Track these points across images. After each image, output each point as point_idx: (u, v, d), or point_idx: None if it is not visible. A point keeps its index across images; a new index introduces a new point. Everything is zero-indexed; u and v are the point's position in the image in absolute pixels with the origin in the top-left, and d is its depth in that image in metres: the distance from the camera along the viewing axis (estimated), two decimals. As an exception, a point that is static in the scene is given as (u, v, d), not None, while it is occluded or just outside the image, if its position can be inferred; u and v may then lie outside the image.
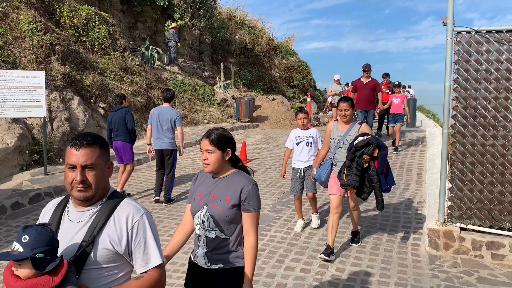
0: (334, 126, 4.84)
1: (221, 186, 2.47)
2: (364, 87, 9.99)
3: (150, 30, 17.39)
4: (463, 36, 4.69)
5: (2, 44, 9.34)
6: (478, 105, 4.65)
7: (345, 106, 4.64)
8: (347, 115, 4.66)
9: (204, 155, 2.45)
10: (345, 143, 4.64)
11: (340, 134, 4.72)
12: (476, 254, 4.65)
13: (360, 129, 4.62)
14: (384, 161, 4.41)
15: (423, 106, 26.24)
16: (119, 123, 6.95)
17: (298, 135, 5.49)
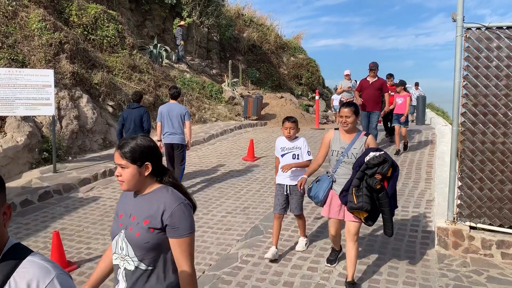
0: (335, 135, 4.11)
1: (142, 205, 2.02)
2: (370, 87, 9.39)
3: (158, 28, 17.43)
4: (473, 33, 4.62)
5: (11, 42, 9.42)
6: (488, 102, 4.59)
7: (347, 112, 3.93)
8: (349, 123, 3.94)
9: (117, 170, 2.01)
10: (350, 156, 3.94)
11: (343, 146, 4.00)
12: (486, 253, 4.59)
13: (367, 142, 3.96)
14: (395, 183, 3.82)
15: (432, 104, 26.01)
16: (135, 121, 7.11)
17: (283, 146, 4.72)
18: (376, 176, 3.69)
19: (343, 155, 3.97)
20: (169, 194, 2.00)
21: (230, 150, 10.67)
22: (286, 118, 4.66)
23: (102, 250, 5.00)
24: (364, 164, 3.72)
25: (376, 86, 9.36)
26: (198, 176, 8.27)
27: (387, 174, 3.72)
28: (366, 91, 9.44)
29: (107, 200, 6.91)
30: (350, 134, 4.03)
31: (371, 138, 4.00)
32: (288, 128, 4.60)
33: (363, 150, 3.88)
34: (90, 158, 9.11)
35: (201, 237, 5.34)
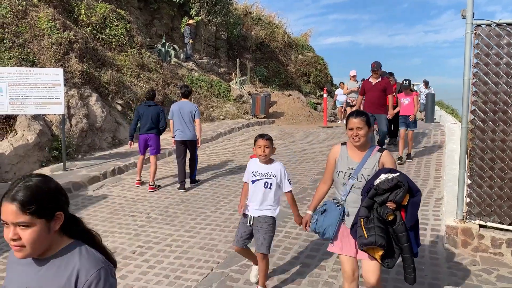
0: (341, 152, 3.30)
1: (46, 277, 1.50)
2: (373, 88, 8.66)
3: (166, 27, 17.49)
4: (483, 29, 4.58)
5: (22, 42, 9.52)
6: (499, 99, 4.54)
7: (358, 123, 3.14)
8: (360, 137, 3.14)
9: (11, 232, 1.44)
10: (360, 179, 3.14)
11: (352, 166, 3.19)
12: (496, 252, 4.55)
13: (382, 160, 3.17)
14: (415, 212, 3.05)
15: (442, 101, 25.82)
16: (152, 118, 7.42)
17: (255, 170, 3.87)
18: (388, 205, 2.94)
19: (352, 178, 3.17)
20: (82, 255, 1.51)
21: (238, 148, 10.68)
22: (259, 135, 3.80)
23: (111, 247, 5.04)
24: (373, 189, 2.97)
25: (379, 88, 8.63)
26: (206, 174, 8.30)
27: (402, 202, 2.95)
28: (369, 93, 8.72)
29: (116, 198, 6.96)
30: (360, 151, 3.23)
31: (387, 155, 3.19)
32: (262, 146, 3.72)
33: (376, 170, 3.12)
34: (99, 156, 9.18)
35: (209, 235, 5.36)
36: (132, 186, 7.59)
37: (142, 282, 4.23)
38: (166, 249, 4.98)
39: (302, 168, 8.55)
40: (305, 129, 13.77)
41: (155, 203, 6.68)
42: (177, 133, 7.36)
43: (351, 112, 3.28)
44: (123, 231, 5.56)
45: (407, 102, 8.70)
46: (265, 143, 3.73)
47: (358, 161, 3.19)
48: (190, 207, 6.49)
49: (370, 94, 8.70)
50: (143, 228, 5.64)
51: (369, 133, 3.21)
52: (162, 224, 5.79)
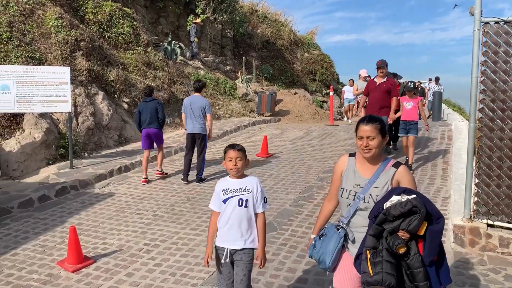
0: (349, 165, 2.77)
1: None
2: (377, 89, 8.12)
3: (172, 25, 17.51)
4: (492, 27, 4.53)
5: (29, 40, 9.57)
6: (507, 98, 4.50)
7: (369, 131, 2.62)
8: (372, 148, 2.62)
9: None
10: (368, 200, 2.60)
11: (359, 184, 2.66)
12: (504, 251, 4.52)
13: (396, 177, 2.61)
14: (435, 244, 2.40)
15: (449, 99, 25.66)
16: (151, 113, 7.63)
17: (226, 187, 3.13)
18: (400, 234, 2.38)
19: (358, 198, 2.63)
20: None
21: (244, 147, 10.67)
22: (230, 146, 3.15)
23: (117, 245, 5.06)
24: (382, 214, 2.43)
25: (383, 88, 8.08)
26: (213, 172, 8.31)
27: (419, 231, 2.36)
28: (373, 94, 8.22)
29: (122, 196, 6.99)
30: (371, 165, 2.68)
31: (404, 171, 2.62)
32: (233, 158, 3.08)
33: (388, 190, 2.57)
34: (106, 154, 9.21)
35: (215, 233, 5.36)
36: (138, 184, 7.61)
37: (148, 279, 4.24)
38: (172, 247, 4.99)
39: (308, 167, 8.54)
40: (311, 127, 13.74)
41: (161, 201, 6.70)
42: (188, 127, 7.63)
43: (363, 118, 2.71)
44: (130, 229, 5.58)
45: (410, 107, 7.87)
46: (236, 154, 3.09)
47: (368, 178, 2.65)
48: (196, 205, 6.50)
49: (373, 95, 8.21)
50: (149, 226, 5.65)
51: (383, 143, 2.65)
52: (168, 222, 5.80)
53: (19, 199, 6.46)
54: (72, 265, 4.45)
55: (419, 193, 2.47)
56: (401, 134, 7.93)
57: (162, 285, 4.14)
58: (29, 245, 5.09)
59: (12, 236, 5.38)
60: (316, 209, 5.95)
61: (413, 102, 7.91)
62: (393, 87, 8.12)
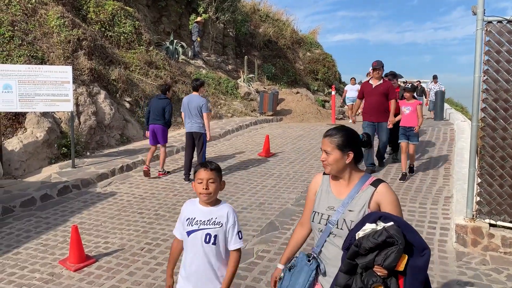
0: (323, 184, 2.38)
1: None
2: (373, 92, 7.59)
3: (174, 24, 17.51)
4: (494, 26, 4.51)
5: (31, 39, 9.58)
6: (510, 97, 4.48)
7: (325, 145, 2.27)
8: (328, 165, 2.26)
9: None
10: (341, 226, 2.19)
11: (333, 206, 2.25)
12: (506, 251, 4.50)
13: (375, 198, 2.19)
14: (419, 281, 2.02)
15: (451, 99, 25.62)
16: (158, 110, 7.87)
17: (192, 216, 2.59)
18: (376, 270, 1.97)
19: (331, 223, 2.22)
20: None
21: (245, 146, 10.68)
22: (201, 164, 2.57)
23: (119, 244, 5.07)
24: (353, 245, 2.02)
25: (380, 91, 7.55)
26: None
27: (397, 267, 1.94)
28: (369, 98, 7.69)
29: (124, 195, 6.99)
30: (346, 183, 2.28)
31: (385, 190, 2.19)
32: (205, 180, 2.50)
33: (365, 214, 2.15)
34: (107, 153, 9.22)
35: (217, 233, 5.36)
36: (140, 183, 7.62)
37: (150, 279, 4.24)
38: (174, 246, 4.98)
39: (310, 166, 8.53)
40: (313, 126, 13.73)
41: (163, 200, 6.70)
42: (186, 126, 7.70)
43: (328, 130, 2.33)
44: (131, 228, 5.58)
45: (408, 111, 7.34)
46: (209, 175, 2.51)
47: (342, 198, 2.24)
48: (198, 204, 6.49)
49: (369, 99, 7.69)
50: (151, 225, 5.66)
51: (345, 160, 2.23)
52: (170, 221, 5.80)
53: (21, 198, 6.47)
54: (74, 264, 4.45)
55: (399, 219, 2.04)
56: (402, 139, 7.39)
57: (163, 284, 4.14)
58: (31, 244, 5.10)
59: (14, 235, 5.39)
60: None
61: (411, 106, 7.33)
62: (390, 89, 7.59)
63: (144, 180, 7.81)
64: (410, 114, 7.33)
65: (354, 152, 2.25)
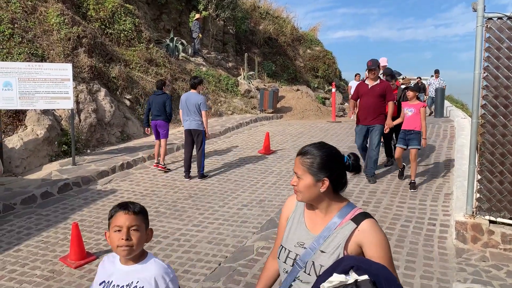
0: (296, 209, 1.92)
1: None
2: (369, 93, 7.05)
3: (174, 21, 17.49)
4: (494, 23, 4.51)
5: (31, 37, 9.57)
6: (510, 94, 4.48)
7: (295, 166, 1.82)
8: (298, 191, 1.81)
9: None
10: (309, 271, 1.75)
11: (303, 242, 1.82)
12: (506, 247, 4.51)
13: (355, 238, 1.72)
14: None
15: (451, 96, 25.57)
16: (159, 106, 8.05)
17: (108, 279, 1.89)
18: None
19: (299, 266, 1.78)
20: None
21: (246, 143, 10.68)
22: (120, 205, 1.85)
23: (120, 241, 5.08)
24: None
25: (377, 92, 7.01)
26: (214, 169, 8.31)
27: None
28: (364, 99, 7.12)
29: (124, 192, 7.00)
30: (323, 215, 1.81)
31: (369, 228, 1.71)
32: (125, 228, 1.80)
33: (339, 257, 1.70)
34: (108, 151, 9.23)
35: (217, 230, 5.37)
36: (140, 180, 7.63)
37: (150, 276, 4.25)
38: (174, 243, 5.00)
39: (310, 163, 8.52)
40: (313, 124, 13.73)
41: (163, 197, 6.71)
42: (184, 123, 7.71)
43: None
44: (132, 225, 5.59)
45: (411, 113, 6.68)
46: (131, 221, 1.80)
47: (316, 234, 1.78)
48: (198, 201, 6.51)
49: (365, 100, 7.12)
50: (152, 223, 5.66)
51: (319, 188, 1.76)
52: (170, 218, 5.81)
53: (22, 195, 6.48)
54: (75, 261, 4.46)
55: (380, 271, 1.51)
56: (399, 144, 6.77)
57: (164, 281, 4.15)
58: (32, 241, 5.11)
59: (15, 232, 5.40)
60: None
61: (415, 108, 6.66)
62: (388, 89, 7.07)
63: (144, 177, 7.82)
64: (413, 116, 6.66)
65: (332, 178, 1.75)
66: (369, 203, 6.11)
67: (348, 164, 1.81)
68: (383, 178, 7.35)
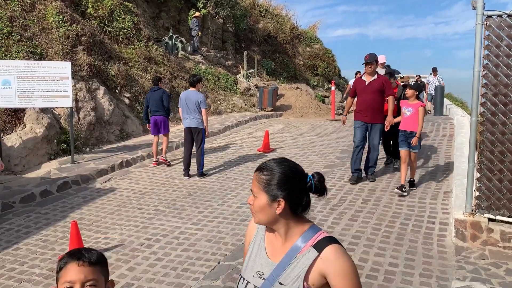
0: (257, 233, 1.71)
1: None
2: (367, 89, 6.75)
3: (173, 19, 17.45)
4: (494, 20, 4.50)
5: (30, 35, 9.55)
6: (509, 92, 4.48)
7: (252, 183, 1.62)
8: (254, 213, 1.60)
9: None
10: None
11: (261, 272, 1.60)
12: (505, 245, 4.51)
13: (317, 267, 1.49)
14: None
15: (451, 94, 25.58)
16: (157, 101, 8.21)
17: None
18: None
19: None
20: None
21: (245, 142, 10.67)
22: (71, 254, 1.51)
23: (119, 240, 5.08)
24: None
25: (375, 88, 6.69)
26: (214, 167, 8.31)
27: None
28: (362, 96, 6.81)
29: (124, 190, 7.00)
30: (283, 240, 1.61)
31: (333, 256, 1.49)
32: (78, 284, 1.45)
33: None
34: (107, 149, 9.22)
35: (216, 228, 5.37)
36: (139, 179, 7.62)
37: (149, 274, 4.25)
38: (173, 242, 5.00)
39: (309, 161, 8.53)
40: (312, 122, 13.72)
41: (162, 195, 6.71)
42: (184, 121, 7.72)
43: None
44: (131, 223, 5.59)
45: (409, 113, 6.35)
46: (86, 275, 1.49)
47: (276, 262, 1.58)
48: (198, 200, 6.50)
49: (363, 97, 6.79)
50: (151, 221, 5.66)
51: (274, 210, 1.55)
52: (169, 216, 5.81)
53: (21, 194, 6.48)
54: (74, 259, 4.45)
55: None
56: (402, 146, 6.37)
57: (163, 279, 4.15)
58: (31, 240, 5.10)
59: (14, 231, 5.40)
60: (317, 204, 5.95)
61: (413, 108, 6.30)
62: (386, 84, 6.73)
63: (144, 175, 7.82)
64: (412, 116, 6.32)
65: (289, 199, 1.54)
66: (368, 201, 6.11)
67: (310, 185, 1.58)
68: (382, 176, 7.35)
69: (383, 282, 3.95)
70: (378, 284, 3.93)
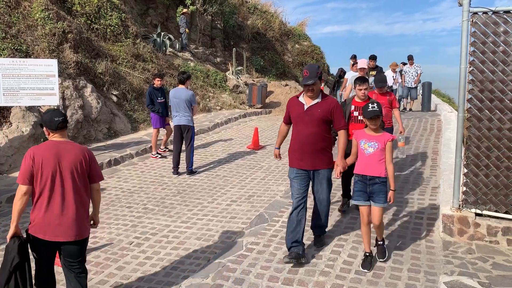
0: None
1: None
2: (304, 118, 4.31)
3: (161, 16, 17.32)
4: (480, 17, 4.54)
5: (15, 32, 9.41)
6: (495, 88, 4.53)
7: None
8: None
9: None
10: None
11: None
12: (492, 240, 4.57)
13: None
14: None
15: (438, 90, 25.79)
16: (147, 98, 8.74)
17: None
18: None
19: None
20: None
21: (235, 139, 10.66)
22: None
23: (108, 238, 5.04)
24: None
25: (317, 116, 4.27)
26: (203, 164, 8.29)
27: None
28: (298, 128, 4.39)
29: (112, 189, 6.94)
30: None
31: None
32: None
33: None
34: (95, 147, 9.14)
35: (206, 226, 5.36)
36: (128, 177, 7.57)
37: (139, 273, 4.23)
38: (163, 240, 4.98)
39: (298, 158, 8.54)
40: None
41: (151, 194, 6.67)
42: (174, 119, 7.69)
43: None
44: (120, 222, 5.55)
45: (372, 151, 4.16)
46: None
47: None
48: (187, 197, 6.48)
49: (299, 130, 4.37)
50: (140, 219, 5.63)
51: None
52: (159, 215, 5.78)
53: (7, 193, 6.39)
54: (62, 259, 4.41)
55: None
56: (357, 200, 4.24)
57: (153, 278, 4.13)
58: (18, 240, 5.04)
59: (1, 231, 5.33)
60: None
61: (379, 142, 4.12)
62: (335, 111, 4.33)
63: (132, 174, 7.77)
64: (375, 154, 4.13)
65: None
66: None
67: None
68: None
69: (372, 278, 3.98)
70: (367, 279, 3.96)
